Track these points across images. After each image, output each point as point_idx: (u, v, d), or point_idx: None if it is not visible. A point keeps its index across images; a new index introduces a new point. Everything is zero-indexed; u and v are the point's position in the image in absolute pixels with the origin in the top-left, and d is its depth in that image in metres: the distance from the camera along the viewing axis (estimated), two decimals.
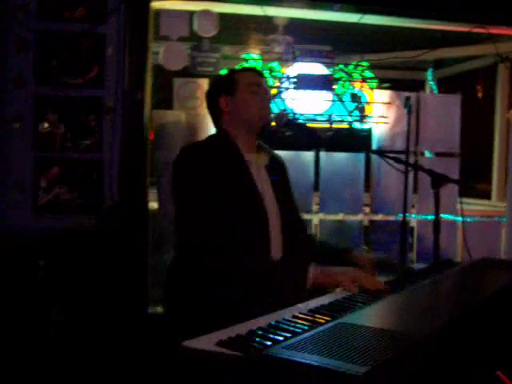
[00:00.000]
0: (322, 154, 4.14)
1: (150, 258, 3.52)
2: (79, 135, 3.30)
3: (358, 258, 2.38)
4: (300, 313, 1.58)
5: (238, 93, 2.35)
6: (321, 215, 4.23)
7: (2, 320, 3.08)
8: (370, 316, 1.54)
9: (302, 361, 1.12)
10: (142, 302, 3.37)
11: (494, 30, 4.15)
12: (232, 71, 2.51)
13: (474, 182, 5.70)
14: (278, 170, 2.49)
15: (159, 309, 3.55)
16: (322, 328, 1.36)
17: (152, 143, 3.63)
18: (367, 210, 4.34)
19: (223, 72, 2.66)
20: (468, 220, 4.32)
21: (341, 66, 4.34)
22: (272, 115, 2.45)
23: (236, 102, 2.35)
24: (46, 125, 3.28)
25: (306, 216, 4.10)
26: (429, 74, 5.78)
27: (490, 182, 5.37)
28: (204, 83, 3.86)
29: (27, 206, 3.25)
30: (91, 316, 3.20)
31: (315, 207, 4.23)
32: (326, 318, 1.51)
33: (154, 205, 3.83)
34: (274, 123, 2.53)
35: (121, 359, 3.14)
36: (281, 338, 1.31)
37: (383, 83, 4.50)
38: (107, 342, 3.17)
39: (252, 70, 2.57)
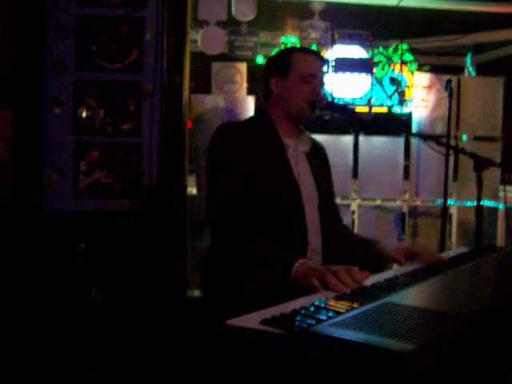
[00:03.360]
0: (361, 138, 4.10)
1: (189, 244, 3.53)
2: (118, 119, 3.32)
3: (385, 251, 2.26)
4: (344, 294, 1.57)
5: (290, 77, 2.24)
6: (359, 200, 4.20)
7: (45, 301, 3.12)
8: (414, 296, 1.53)
9: (348, 338, 1.11)
10: (180, 285, 3.38)
11: None
12: (289, 50, 2.41)
13: None
14: (319, 157, 2.42)
15: (197, 293, 3.57)
16: (366, 307, 1.34)
17: (190, 131, 3.64)
18: (406, 195, 4.29)
19: (280, 50, 2.49)
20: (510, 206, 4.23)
21: (380, 49, 4.29)
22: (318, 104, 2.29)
23: (286, 86, 2.25)
24: (86, 109, 3.30)
25: (344, 201, 4.08)
26: (468, 59, 5.66)
27: None
28: (242, 67, 3.85)
29: (68, 190, 3.28)
30: (130, 299, 3.22)
31: (354, 193, 4.20)
32: (369, 298, 1.49)
33: (192, 190, 3.84)
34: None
35: (159, 342, 3.17)
36: (325, 318, 1.30)
37: (423, 66, 4.44)
38: (145, 325, 3.20)
39: (311, 52, 2.36)
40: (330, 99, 3.92)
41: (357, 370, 1.08)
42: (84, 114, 3.30)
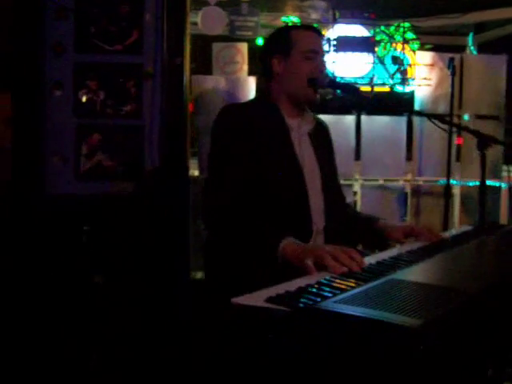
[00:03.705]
0: (364, 117, 4.08)
1: (191, 226, 3.53)
2: (119, 101, 3.30)
3: (386, 229, 2.26)
4: (348, 271, 1.56)
5: (293, 56, 2.21)
6: (361, 181, 4.19)
7: (47, 284, 3.13)
8: (420, 273, 1.52)
9: (355, 314, 1.10)
10: (183, 267, 3.38)
11: None
12: (289, 28, 2.38)
13: None
14: (322, 137, 2.40)
15: (200, 274, 3.57)
16: (372, 284, 1.34)
17: (191, 113, 3.62)
18: (409, 175, 4.28)
19: (279, 28, 2.43)
20: None
21: (382, 28, 4.26)
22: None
23: (289, 65, 2.22)
24: (86, 92, 3.28)
25: (346, 182, 4.07)
26: (469, 39, 5.62)
27: None
28: (243, 47, 3.83)
29: (69, 173, 3.27)
30: (132, 281, 3.22)
31: (356, 173, 4.18)
32: (375, 275, 1.49)
33: (194, 172, 3.84)
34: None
35: (162, 324, 3.17)
36: (330, 294, 1.30)
37: (425, 45, 4.41)
38: (148, 307, 3.20)
39: (311, 28, 2.32)
40: (331, 78, 3.89)
41: (363, 346, 1.07)
42: (84, 97, 3.28)
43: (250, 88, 3.77)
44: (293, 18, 4.33)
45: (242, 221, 2.01)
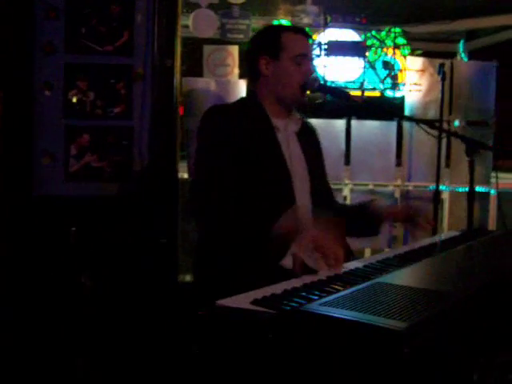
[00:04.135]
0: (354, 122, 4.08)
1: (180, 228, 3.52)
2: (109, 103, 3.28)
3: (382, 209, 2.29)
4: (335, 274, 1.56)
5: (283, 59, 2.20)
6: (351, 185, 4.19)
7: (35, 285, 3.10)
8: (407, 276, 1.52)
9: (340, 316, 1.10)
10: (171, 269, 3.37)
11: None
12: (278, 29, 2.37)
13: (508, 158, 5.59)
14: (309, 138, 2.40)
15: (188, 277, 3.56)
16: (358, 287, 1.33)
17: (181, 116, 3.61)
18: (399, 180, 4.28)
19: (267, 28, 2.43)
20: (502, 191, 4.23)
21: (373, 33, 4.26)
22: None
23: (278, 68, 2.21)
24: (76, 92, 3.26)
25: (336, 186, 4.07)
26: (460, 46, 5.65)
27: None
28: (234, 50, 3.82)
29: (58, 174, 3.25)
30: (121, 283, 3.21)
31: (346, 178, 4.19)
32: (361, 279, 1.48)
33: (183, 175, 3.83)
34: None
35: (150, 326, 3.16)
36: (316, 297, 1.29)
37: (416, 50, 4.42)
38: (136, 310, 3.19)
39: (301, 31, 2.30)
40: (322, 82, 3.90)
41: (348, 349, 1.07)
42: (74, 98, 3.26)
43: (240, 91, 3.76)
44: (284, 22, 4.33)
45: (234, 217, 2.00)
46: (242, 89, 3.80)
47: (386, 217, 2.28)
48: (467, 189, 2.71)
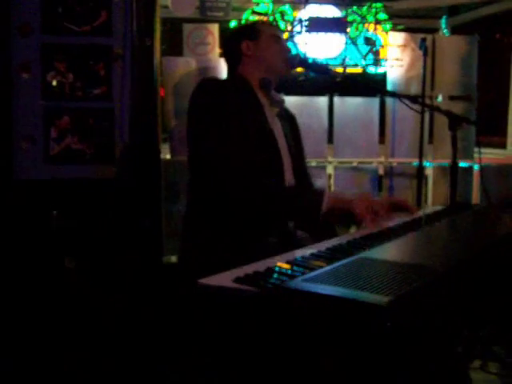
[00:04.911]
0: (336, 98, 4.06)
1: (163, 209, 3.50)
2: (89, 84, 3.23)
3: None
4: (318, 251, 1.55)
5: (262, 39, 2.38)
6: (335, 163, 4.18)
7: (16, 269, 3.08)
8: (390, 251, 1.52)
9: (323, 292, 1.09)
10: (156, 251, 3.35)
11: None
12: (254, 22, 2.65)
13: (490, 133, 5.62)
14: (288, 121, 2.50)
15: (173, 258, 3.55)
16: (341, 262, 1.33)
17: (162, 98, 3.57)
18: (382, 157, 4.28)
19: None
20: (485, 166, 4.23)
21: (354, 9, 4.23)
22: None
23: (260, 46, 2.37)
24: (55, 74, 3.21)
25: (320, 164, 4.06)
26: (443, 22, 5.62)
27: (505, 134, 5.27)
28: (214, 28, 3.78)
29: (38, 157, 3.20)
30: (104, 266, 3.19)
31: (329, 155, 4.17)
32: (344, 255, 1.47)
33: (166, 155, 3.80)
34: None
35: (135, 308, 3.15)
36: (299, 274, 1.28)
37: (398, 26, 4.40)
38: (121, 292, 3.18)
39: (272, 24, 2.71)
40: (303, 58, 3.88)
41: (332, 324, 1.06)
42: (53, 79, 3.21)
43: (221, 69, 3.72)
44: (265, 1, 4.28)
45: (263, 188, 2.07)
46: (223, 67, 3.76)
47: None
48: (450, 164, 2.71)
